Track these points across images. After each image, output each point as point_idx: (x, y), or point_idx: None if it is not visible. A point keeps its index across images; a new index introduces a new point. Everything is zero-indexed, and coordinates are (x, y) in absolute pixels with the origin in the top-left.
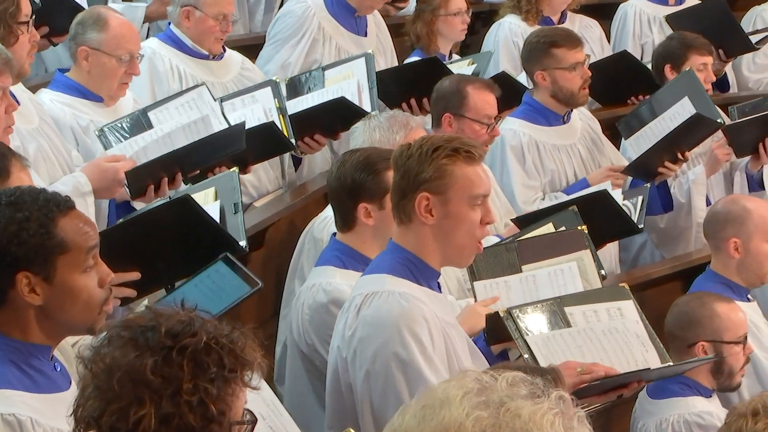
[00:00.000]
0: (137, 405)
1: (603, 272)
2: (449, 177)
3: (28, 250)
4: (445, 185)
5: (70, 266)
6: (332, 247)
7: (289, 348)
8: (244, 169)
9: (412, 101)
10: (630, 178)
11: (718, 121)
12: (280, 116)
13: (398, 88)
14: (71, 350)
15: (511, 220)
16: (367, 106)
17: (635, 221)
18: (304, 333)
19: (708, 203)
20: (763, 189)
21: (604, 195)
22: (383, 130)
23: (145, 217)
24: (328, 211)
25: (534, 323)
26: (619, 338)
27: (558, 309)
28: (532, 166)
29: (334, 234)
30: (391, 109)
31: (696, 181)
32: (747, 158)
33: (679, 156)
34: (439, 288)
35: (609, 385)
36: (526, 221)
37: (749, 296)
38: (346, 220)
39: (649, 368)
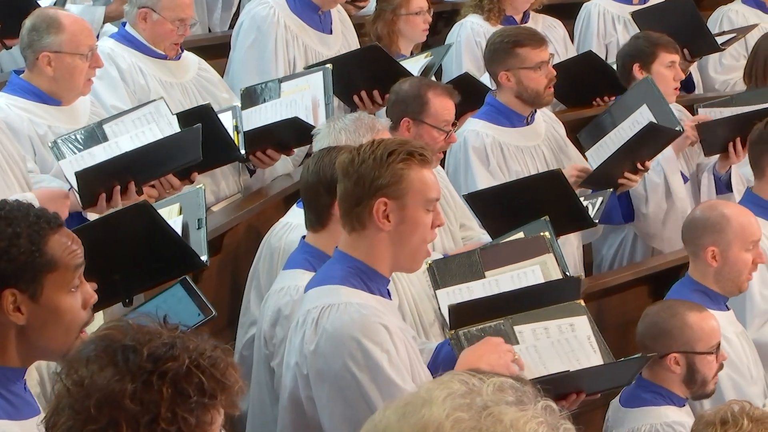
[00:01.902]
0: (113, 430)
1: (568, 273)
2: (406, 181)
3: (17, 266)
4: (402, 190)
5: (57, 285)
6: (301, 250)
7: (256, 353)
8: (188, 177)
9: (363, 93)
10: None
11: (677, 129)
12: (235, 133)
13: (347, 80)
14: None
15: (464, 196)
16: (321, 122)
17: (590, 214)
18: (268, 336)
19: (685, 179)
20: (731, 191)
21: (557, 175)
22: (349, 133)
23: (101, 223)
24: (288, 218)
25: (477, 342)
26: (560, 349)
27: (507, 328)
28: (496, 168)
29: (303, 237)
30: (345, 103)
31: (667, 158)
32: (715, 159)
33: (639, 166)
34: (389, 294)
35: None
36: (479, 198)
37: (727, 304)
38: (320, 217)
39: (569, 370)
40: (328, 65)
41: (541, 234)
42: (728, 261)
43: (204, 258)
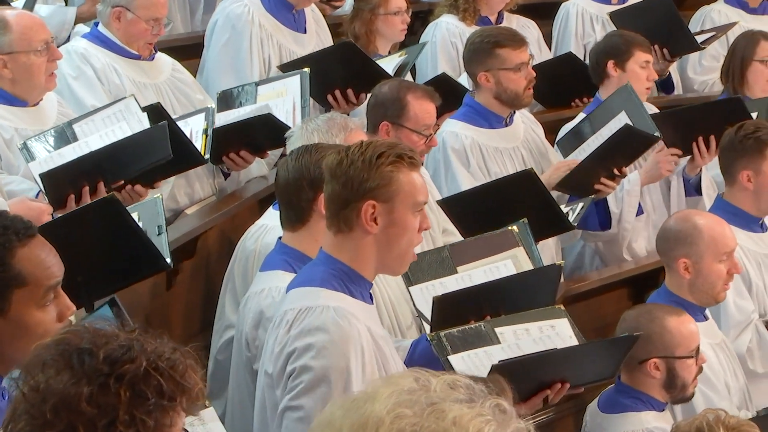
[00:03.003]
0: None
1: None
2: (396, 184)
3: None
4: (392, 193)
5: (26, 301)
6: (279, 251)
7: (234, 356)
8: (151, 184)
9: (338, 93)
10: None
11: (655, 134)
12: (204, 136)
13: (320, 78)
14: None
15: (437, 201)
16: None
17: (568, 217)
18: (250, 339)
19: (640, 211)
20: (701, 194)
21: (529, 175)
22: (322, 133)
23: (67, 220)
24: (264, 220)
25: (459, 343)
26: (542, 346)
27: (488, 330)
28: (477, 169)
29: (280, 238)
30: (319, 103)
31: (630, 192)
32: (685, 162)
33: (616, 172)
34: (371, 298)
35: (528, 380)
36: (454, 202)
37: (705, 314)
38: (301, 214)
39: (556, 348)
40: (306, 69)
41: (509, 228)
42: (701, 273)
43: (168, 260)
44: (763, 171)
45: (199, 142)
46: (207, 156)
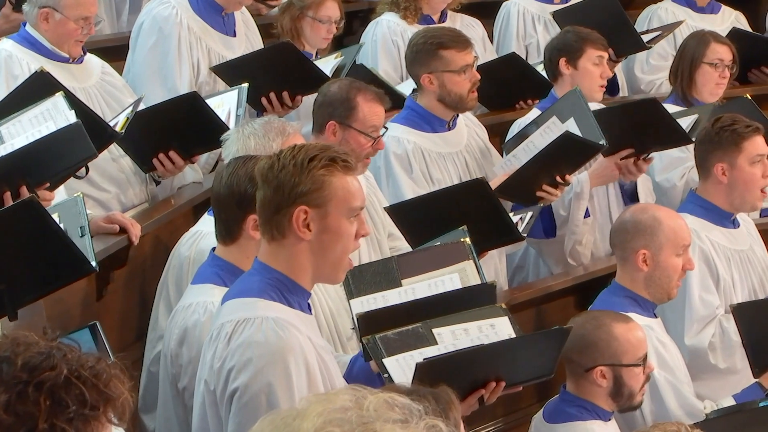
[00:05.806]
0: None
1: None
2: (328, 189)
3: None
4: (324, 198)
5: None
6: (211, 263)
7: (161, 371)
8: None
9: (272, 95)
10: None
11: (600, 143)
12: (125, 119)
13: (254, 81)
14: None
15: (385, 208)
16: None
17: (517, 226)
18: (174, 355)
19: (586, 214)
20: (636, 202)
21: (480, 183)
22: (258, 138)
23: None
24: (199, 226)
25: (395, 345)
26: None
27: (425, 331)
28: (419, 175)
29: (213, 249)
30: (253, 107)
31: (580, 195)
32: None
33: (559, 179)
34: (309, 309)
35: (460, 379)
36: (401, 209)
37: (656, 312)
38: (230, 231)
39: (483, 344)
40: (245, 84)
41: (461, 240)
42: (659, 265)
43: (93, 263)
44: (738, 165)
45: (119, 124)
46: (122, 132)
